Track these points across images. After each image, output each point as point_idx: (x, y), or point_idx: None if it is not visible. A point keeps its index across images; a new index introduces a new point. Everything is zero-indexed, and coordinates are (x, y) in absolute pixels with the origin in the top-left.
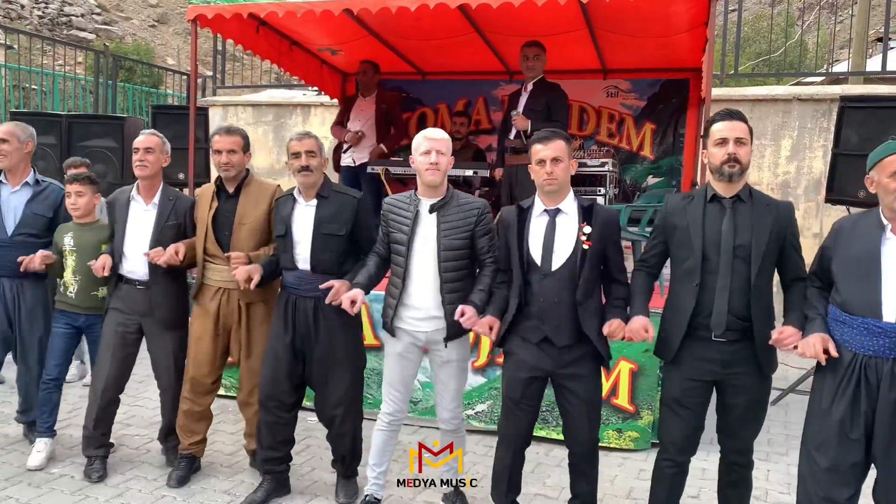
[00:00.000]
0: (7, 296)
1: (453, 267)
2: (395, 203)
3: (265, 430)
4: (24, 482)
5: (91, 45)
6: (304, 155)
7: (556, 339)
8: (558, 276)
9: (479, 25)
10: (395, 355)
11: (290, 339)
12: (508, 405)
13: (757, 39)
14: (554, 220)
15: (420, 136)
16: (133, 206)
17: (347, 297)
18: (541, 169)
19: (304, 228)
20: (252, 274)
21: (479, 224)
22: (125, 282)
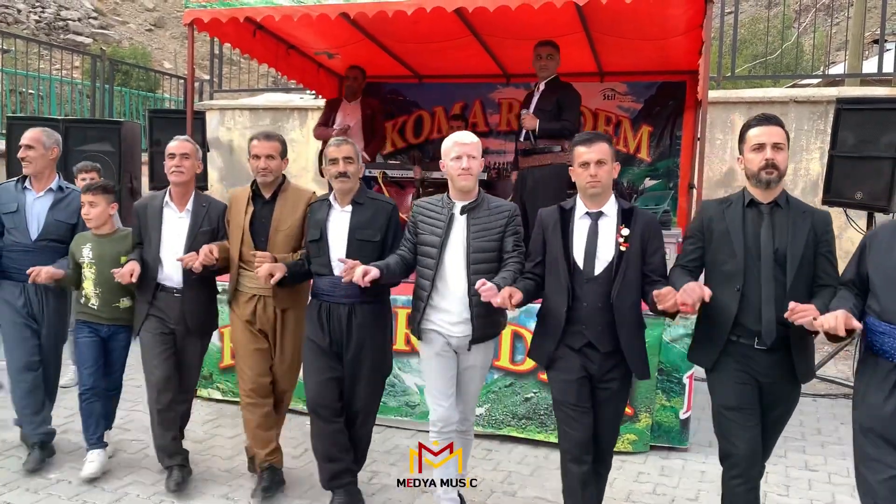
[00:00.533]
0: (32, 300)
1: (483, 270)
2: (426, 206)
3: (324, 442)
4: (21, 487)
5: (88, 50)
6: (341, 161)
7: (600, 345)
8: (601, 281)
9: (475, 29)
10: (433, 357)
11: (328, 343)
12: (566, 412)
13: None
14: (596, 224)
15: (450, 140)
16: (167, 212)
17: (361, 269)
18: (584, 171)
19: (339, 234)
20: (274, 271)
21: (508, 226)
22: (161, 289)
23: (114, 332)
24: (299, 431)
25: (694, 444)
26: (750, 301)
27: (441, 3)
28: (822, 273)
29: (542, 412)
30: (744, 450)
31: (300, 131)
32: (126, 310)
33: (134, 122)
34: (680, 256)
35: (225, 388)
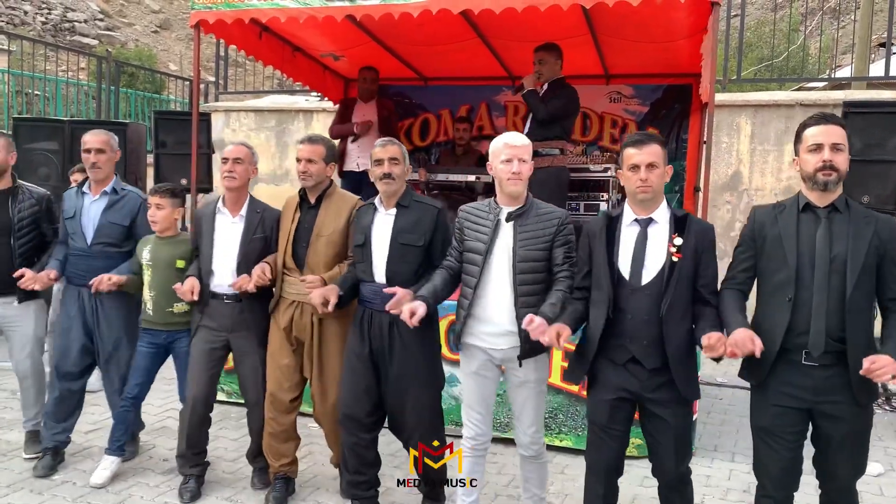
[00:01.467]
0: (86, 306)
1: (530, 280)
2: (472, 211)
3: (348, 453)
4: (25, 489)
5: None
6: (387, 162)
7: (645, 361)
8: (648, 292)
9: (481, 31)
10: (470, 374)
11: (367, 353)
12: (595, 432)
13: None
14: (645, 231)
15: (500, 141)
16: (219, 218)
17: (408, 308)
18: (633, 175)
19: (382, 239)
20: (328, 296)
21: (558, 235)
22: (213, 297)
23: (173, 339)
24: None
25: (699, 448)
26: (802, 313)
27: (447, 6)
28: (894, 285)
29: (546, 415)
30: (771, 473)
31: (305, 133)
32: (182, 314)
33: (139, 124)
34: (731, 267)
35: (230, 391)
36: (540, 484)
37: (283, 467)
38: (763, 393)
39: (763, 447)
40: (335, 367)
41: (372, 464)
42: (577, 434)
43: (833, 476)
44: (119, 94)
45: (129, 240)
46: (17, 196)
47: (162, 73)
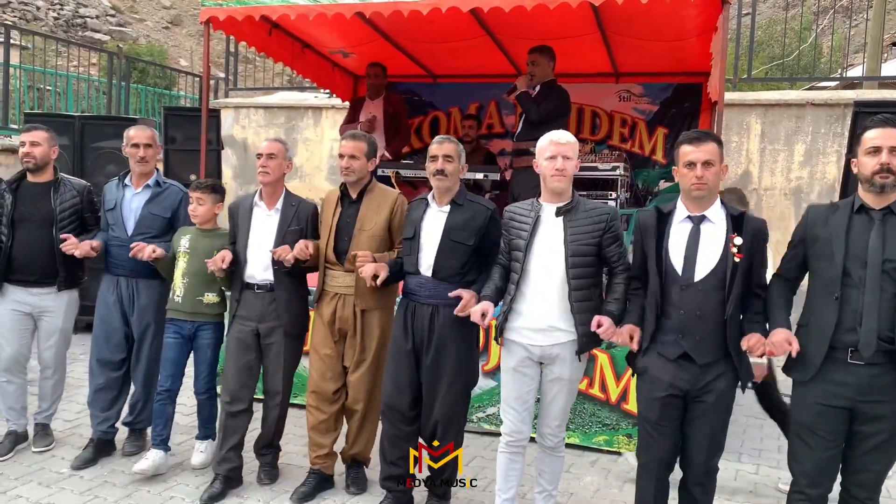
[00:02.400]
0: (123, 294)
1: (582, 274)
2: (516, 210)
3: (388, 444)
4: (34, 481)
5: (105, 47)
6: (441, 159)
7: (697, 356)
8: (700, 288)
9: (490, 29)
10: (509, 371)
11: (411, 346)
12: (646, 428)
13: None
14: (698, 228)
15: (546, 139)
16: (256, 211)
17: (478, 310)
18: (689, 172)
19: (432, 233)
20: (378, 271)
21: (608, 231)
22: (247, 287)
23: (197, 329)
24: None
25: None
26: (849, 312)
27: (456, 3)
28: None
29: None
30: (806, 469)
31: (314, 130)
32: (210, 305)
33: (150, 120)
34: (782, 262)
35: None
36: (552, 480)
37: (319, 460)
38: (808, 391)
39: (800, 444)
40: (376, 357)
41: (406, 457)
42: (585, 431)
43: (866, 470)
44: (130, 89)
45: (169, 232)
46: (59, 188)
47: (172, 68)
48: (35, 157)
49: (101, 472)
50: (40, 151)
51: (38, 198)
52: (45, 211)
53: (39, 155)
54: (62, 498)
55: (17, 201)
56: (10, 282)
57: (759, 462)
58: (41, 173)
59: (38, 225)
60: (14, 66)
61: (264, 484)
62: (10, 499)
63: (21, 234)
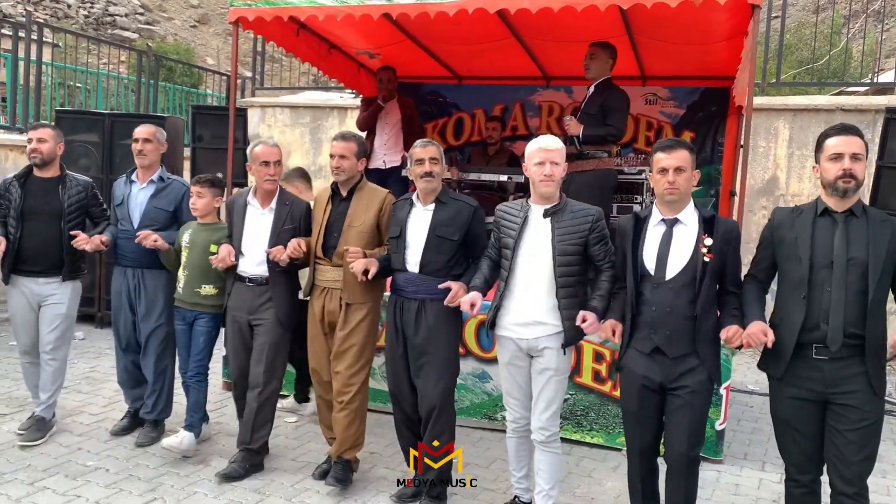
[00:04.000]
0: (130, 284)
1: (569, 272)
2: (506, 209)
3: (404, 430)
4: (60, 473)
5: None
6: (427, 161)
7: (668, 350)
8: (671, 286)
9: (517, 30)
10: (504, 365)
11: (403, 348)
12: (628, 419)
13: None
14: (671, 230)
15: (534, 144)
16: (250, 210)
17: (467, 300)
18: (662, 178)
19: (418, 231)
20: (369, 266)
21: (592, 231)
22: (238, 279)
23: (196, 318)
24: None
25: (728, 456)
26: (815, 310)
27: (483, 5)
28: None
29: (578, 413)
30: (793, 458)
31: (339, 130)
32: (207, 297)
33: (177, 118)
34: (752, 264)
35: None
36: (549, 478)
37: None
38: (781, 386)
39: (784, 436)
40: (361, 352)
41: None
42: (608, 432)
43: (846, 463)
44: (158, 87)
45: (174, 225)
46: (66, 184)
47: (200, 67)
48: (41, 153)
49: (125, 465)
50: (47, 148)
51: (46, 192)
52: (53, 205)
53: (46, 151)
54: (88, 490)
55: (26, 195)
56: (17, 273)
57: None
58: (47, 169)
59: (46, 218)
60: (46, 64)
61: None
62: (37, 490)
63: (29, 227)
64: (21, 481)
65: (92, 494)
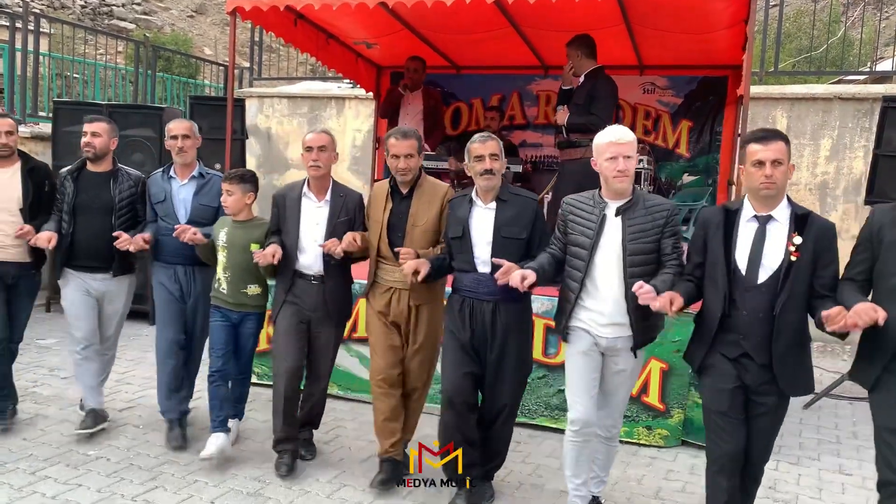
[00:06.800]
0: (181, 281)
1: (639, 273)
2: (577, 204)
3: (454, 433)
4: (61, 463)
5: (131, 35)
6: (487, 158)
7: (757, 356)
8: (764, 290)
9: (515, 20)
10: (578, 354)
11: (469, 338)
12: (715, 420)
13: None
14: (764, 228)
15: (604, 138)
16: (305, 202)
17: (517, 275)
18: (757, 171)
19: (483, 231)
20: (419, 267)
21: (667, 226)
22: (299, 276)
23: (243, 319)
24: (329, 417)
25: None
26: None
27: None
28: None
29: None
30: None
31: (337, 120)
32: (254, 297)
33: (175, 108)
34: (848, 268)
35: (260, 372)
36: (605, 466)
37: (391, 448)
38: (886, 394)
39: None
40: (430, 346)
41: (475, 442)
42: None
43: None
44: (155, 78)
45: (217, 220)
46: (118, 178)
47: (197, 57)
48: (95, 147)
49: (126, 455)
50: (100, 142)
51: (98, 187)
52: (105, 199)
53: (99, 145)
54: (88, 479)
55: (79, 190)
56: (70, 267)
57: (789, 464)
58: (101, 163)
59: (97, 213)
60: (43, 54)
61: (306, 459)
62: (39, 479)
63: (82, 222)
64: (23, 470)
65: (93, 483)
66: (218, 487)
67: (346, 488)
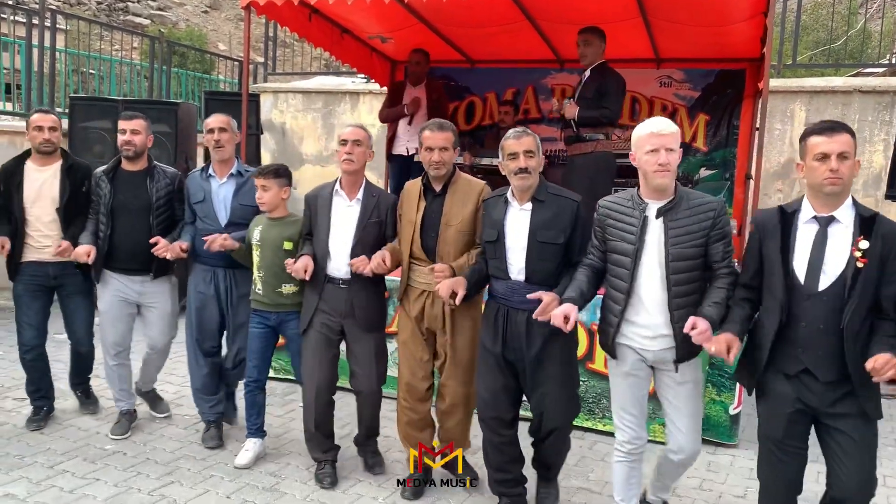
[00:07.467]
0: (220, 285)
1: (684, 279)
2: (614, 206)
3: (491, 450)
4: (79, 457)
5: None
6: (521, 155)
7: (819, 373)
8: (825, 298)
9: (530, 13)
10: (621, 375)
11: (500, 351)
12: (770, 448)
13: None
14: (825, 231)
15: (644, 129)
16: (336, 201)
17: (560, 314)
18: (821, 166)
19: (518, 235)
20: (456, 288)
21: (714, 228)
22: (328, 280)
23: (283, 320)
24: (344, 412)
25: (743, 440)
26: None
27: None
28: None
29: (590, 400)
30: None
31: (351, 115)
32: (290, 295)
33: (190, 104)
34: None
35: (276, 367)
36: (675, 477)
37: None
38: None
39: None
40: (467, 357)
41: (516, 460)
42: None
43: None
44: (170, 73)
45: None
46: (154, 176)
47: (212, 53)
48: (135, 145)
49: (143, 449)
50: (140, 140)
51: (135, 186)
52: (142, 199)
53: (139, 143)
54: (105, 474)
55: (115, 190)
56: (110, 269)
57: None
58: (137, 161)
59: (136, 213)
60: (59, 51)
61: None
62: (57, 473)
63: (119, 223)
64: (41, 464)
65: (110, 478)
66: (234, 482)
67: (360, 484)
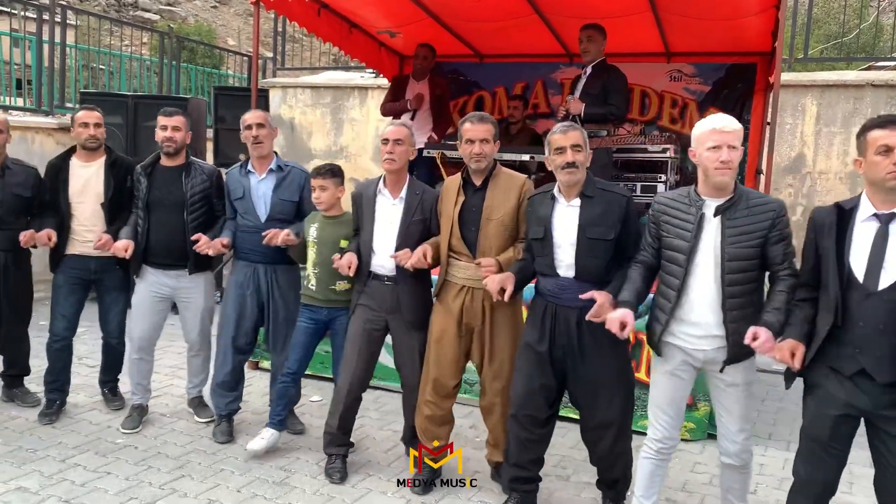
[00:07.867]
0: (261, 280)
1: (740, 280)
2: (671, 203)
3: (514, 446)
4: (90, 451)
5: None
6: (569, 150)
7: (877, 374)
8: (886, 298)
9: (539, 7)
10: (665, 373)
11: (547, 349)
12: (812, 447)
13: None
14: (886, 228)
15: (706, 125)
16: (380, 199)
17: (616, 320)
18: (884, 160)
19: (566, 232)
20: (505, 284)
21: (774, 229)
22: (373, 277)
23: (333, 317)
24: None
25: (752, 436)
26: None
27: None
28: None
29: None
30: None
31: (360, 110)
32: (342, 292)
33: (200, 99)
34: None
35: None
36: (742, 495)
37: (434, 451)
38: None
39: None
40: (507, 354)
41: (538, 461)
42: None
43: None
44: (180, 69)
45: (299, 215)
46: (191, 172)
47: (221, 48)
48: (176, 142)
49: (154, 443)
50: (181, 136)
51: (170, 182)
52: (177, 195)
53: (180, 140)
54: (117, 467)
55: (152, 186)
56: (148, 264)
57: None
58: (175, 157)
59: (170, 209)
60: (70, 46)
61: None
62: (69, 466)
63: (155, 218)
64: (53, 458)
65: (121, 471)
66: (244, 476)
67: (370, 478)
